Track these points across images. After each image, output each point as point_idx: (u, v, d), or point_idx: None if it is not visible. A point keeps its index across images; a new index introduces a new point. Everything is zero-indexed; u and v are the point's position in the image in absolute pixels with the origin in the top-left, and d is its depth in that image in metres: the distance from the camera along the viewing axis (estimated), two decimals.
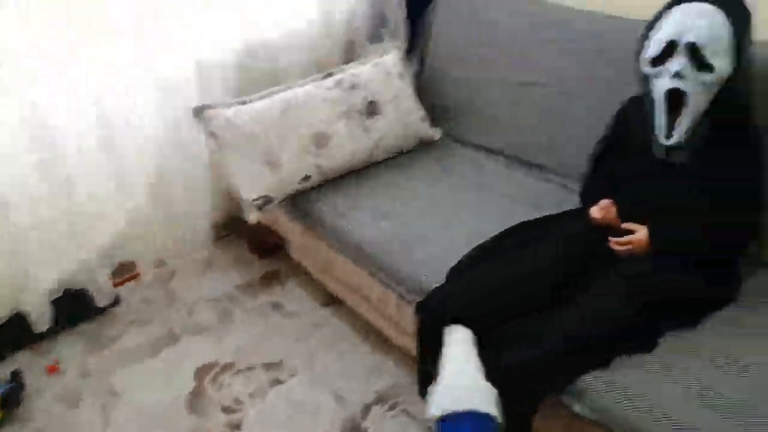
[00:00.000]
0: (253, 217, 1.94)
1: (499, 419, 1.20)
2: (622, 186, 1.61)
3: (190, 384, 1.98)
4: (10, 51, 1.72)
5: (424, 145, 2.23)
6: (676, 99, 1.43)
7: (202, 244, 2.38)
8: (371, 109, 2.05)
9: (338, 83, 2.05)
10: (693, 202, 1.48)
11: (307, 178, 1.96)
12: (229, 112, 1.91)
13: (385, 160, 2.13)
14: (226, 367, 2.03)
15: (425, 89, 2.36)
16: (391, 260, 1.72)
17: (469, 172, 2.05)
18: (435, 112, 2.31)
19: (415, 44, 2.41)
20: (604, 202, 1.56)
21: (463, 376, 1.26)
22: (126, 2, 1.89)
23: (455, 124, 2.28)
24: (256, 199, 1.90)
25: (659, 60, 1.44)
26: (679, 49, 1.39)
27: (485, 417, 1.10)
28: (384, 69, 2.14)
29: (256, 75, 2.24)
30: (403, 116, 2.12)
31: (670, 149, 1.49)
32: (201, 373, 2.02)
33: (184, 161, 2.16)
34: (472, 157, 2.15)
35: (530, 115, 2.06)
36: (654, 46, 1.45)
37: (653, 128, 1.50)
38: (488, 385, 1.23)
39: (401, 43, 2.39)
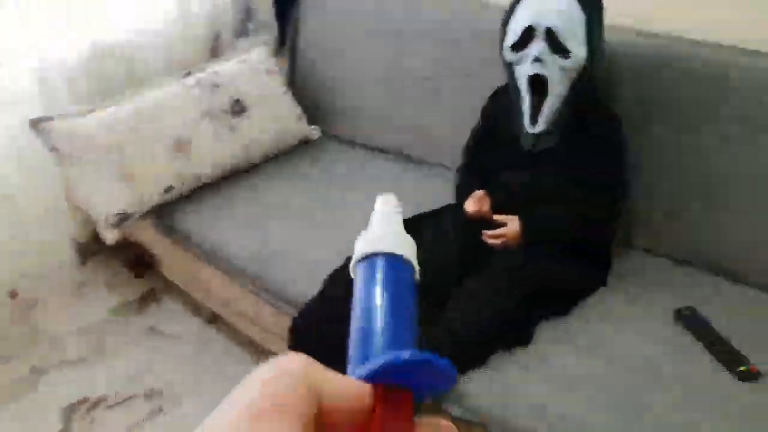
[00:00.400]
0: (109, 236, 1.76)
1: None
2: (494, 177, 1.58)
3: (56, 427, 1.78)
4: None
5: (303, 145, 2.12)
6: (538, 86, 1.41)
7: (65, 268, 2.16)
8: (237, 108, 1.92)
9: (199, 83, 1.90)
10: (561, 190, 1.48)
11: (169, 188, 1.79)
12: (72, 123, 1.72)
13: (261, 162, 2.00)
14: (99, 402, 1.84)
15: (300, 86, 2.25)
16: (262, 272, 1.60)
17: (347, 172, 1.96)
18: (313, 109, 2.21)
19: (287, 38, 2.28)
20: (477, 194, 1.52)
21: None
22: None
23: (334, 121, 2.18)
24: (111, 217, 1.72)
25: (519, 46, 1.41)
26: (537, 34, 1.38)
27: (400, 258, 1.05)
28: (250, 65, 2.00)
29: (109, 80, 2.04)
30: (275, 115, 2.00)
31: (536, 137, 1.47)
32: (69, 412, 1.82)
33: (30, 180, 1.93)
34: (351, 155, 2.06)
35: (408, 108, 1.99)
36: (513, 32, 1.42)
37: (520, 117, 1.47)
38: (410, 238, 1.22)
39: (270, 37, 2.26)
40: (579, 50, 1.36)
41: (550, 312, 1.37)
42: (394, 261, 0.32)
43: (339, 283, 1.47)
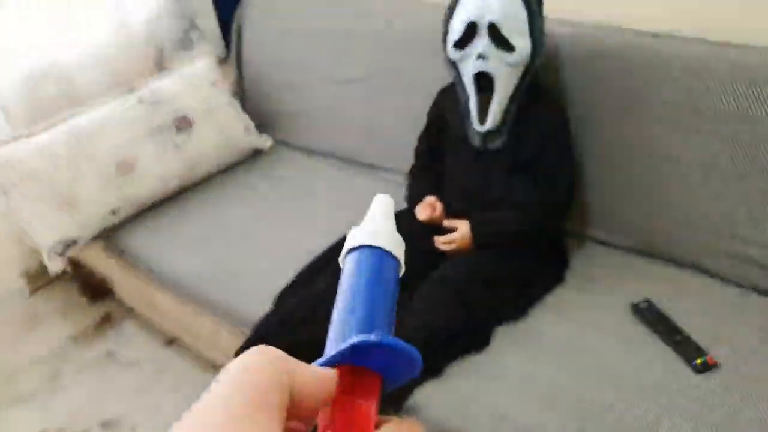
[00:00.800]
0: (54, 266, 1.69)
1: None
2: (446, 179, 1.56)
3: None
4: None
5: (254, 156, 2.08)
6: (484, 83, 1.39)
7: (14, 297, 2.08)
8: (181, 124, 1.86)
9: (141, 100, 1.84)
10: (510, 189, 1.46)
11: (115, 211, 1.73)
12: (8, 150, 1.64)
13: (211, 177, 1.95)
14: None
15: (248, 95, 2.21)
16: (215, 293, 1.55)
17: (299, 182, 1.92)
18: (263, 118, 2.17)
19: (231, 47, 2.23)
20: (428, 200, 1.49)
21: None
22: None
23: (286, 129, 2.14)
24: (56, 245, 1.65)
25: (462, 44, 1.38)
26: (480, 30, 1.35)
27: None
28: (193, 79, 1.95)
29: (47, 102, 1.96)
30: (223, 128, 1.95)
31: (485, 136, 1.45)
32: None
33: None
34: (303, 164, 2.02)
35: (355, 113, 1.95)
36: (456, 30, 1.39)
37: (467, 115, 1.45)
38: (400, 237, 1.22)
39: (215, 47, 2.20)
40: (523, 44, 1.34)
41: (506, 315, 1.35)
42: (383, 255, 0.35)
43: (289, 301, 1.44)
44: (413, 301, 1.33)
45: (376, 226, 0.37)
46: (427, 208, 1.48)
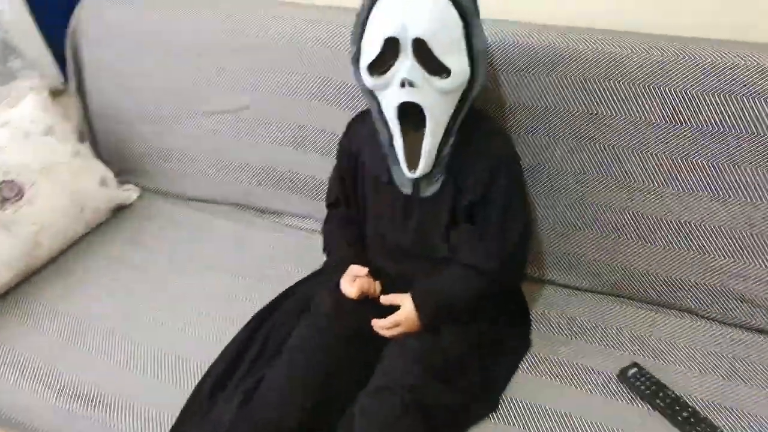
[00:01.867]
0: None
1: None
2: (370, 232, 1.25)
3: None
4: None
5: (118, 214, 1.64)
6: (412, 115, 1.05)
7: None
8: (10, 193, 1.39)
9: None
10: (453, 243, 1.17)
11: None
12: None
13: (62, 254, 1.49)
14: None
15: (100, 135, 1.76)
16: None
17: (179, 243, 1.52)
18: (123, 163, 1.73)
19: (69, 76, 1.75)
20: (355, 271, 1.17)
21: None
22: None
23: (153, 174, 1.72)
24: None
25: (379, 66, 1.03)
26: (403, 48, 1.00)
27: None
28: (17, 127, 1.47)
29: None
30: (68, 186, 1.50)
31: (416, 182, 1.14)
32: None
33: None
34: (181, 217, 1.62)
35: (243, 147, 1.57)
36: (370, 48, 1.03)
37: (392, 156, 1.13)
38: None
39: (46, 78, 1.72)
40: (460, 64, 1.02)
41: (475, 412, 1.07)
42: None
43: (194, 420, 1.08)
44: (365, 398, 1.02)
45: None
46: (356, 282, 1.15)
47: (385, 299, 1.14)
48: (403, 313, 1.11)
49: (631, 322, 1.24)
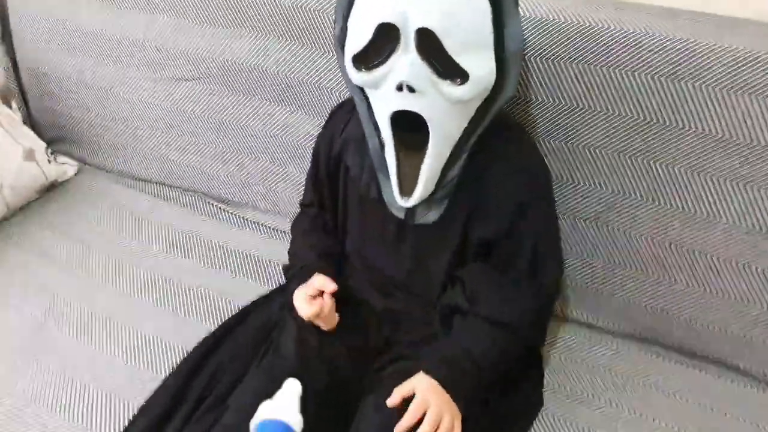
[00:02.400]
0: None
1: None
2: (350, 256, 0.99)
3: None
4: None
5: (49, 194, 1.38)
6: (411, 123, 0.77)
7: None
8: None
9: None
10: (465, 282, 0.89)
11: None
12: None
13: None
14: None
15: (32, 98, 1.49)
16: None
17: (118, 235, 1.26)
18: (60, 132, 1.49)
19: None
20: (319, 285, 0.88)
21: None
22: None
23: (94, 147, 1.45)
24: None
25: (371, 59, 0.75)
26: (403, 39, 0.72)
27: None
28: None
29: None
30: None
31: (412, 210, 0.87)
32: None
33: None
34: (122, 200, 1.34)
35: (199, 122, 1.28)
36: (358, 33, 0.75)
37: (382, 171, 0.86)
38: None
39: None
40: (482, 67, 0.73)
41: None
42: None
43: None
44: None
45: (285, 402, 0.61)
46: (316, 305, 0.86)
47: (397, 395, 0.81)
48: (421, 397, 0.79)
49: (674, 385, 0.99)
